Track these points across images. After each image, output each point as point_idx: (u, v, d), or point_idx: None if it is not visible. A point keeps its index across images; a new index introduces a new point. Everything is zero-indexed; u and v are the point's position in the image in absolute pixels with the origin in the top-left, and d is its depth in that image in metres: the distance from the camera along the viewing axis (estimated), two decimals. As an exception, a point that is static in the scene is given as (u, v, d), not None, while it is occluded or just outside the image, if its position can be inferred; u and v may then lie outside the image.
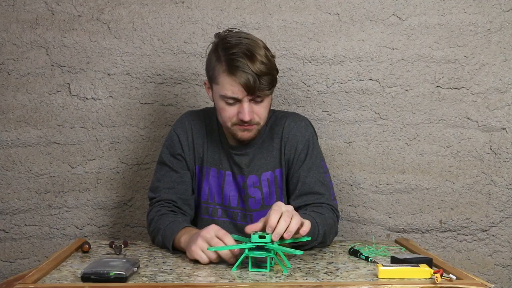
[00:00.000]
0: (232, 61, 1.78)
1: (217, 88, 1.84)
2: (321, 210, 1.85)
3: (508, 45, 2.39)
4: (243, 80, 1.77)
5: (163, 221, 1.81)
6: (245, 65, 1.77)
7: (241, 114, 1.82)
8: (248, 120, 1.83)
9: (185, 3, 2.36)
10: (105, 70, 2.36)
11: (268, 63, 1.81)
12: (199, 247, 1.61)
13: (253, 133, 1.89)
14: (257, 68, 1.78)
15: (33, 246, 2.40)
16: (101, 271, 1.42)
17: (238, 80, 1.77)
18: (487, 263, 2.43)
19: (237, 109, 1.83)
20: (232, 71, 1.78)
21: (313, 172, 1.93)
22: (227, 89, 1.80)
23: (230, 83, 1.79)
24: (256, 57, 1.79)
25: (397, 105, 2.39)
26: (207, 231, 1.62)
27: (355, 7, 2.37)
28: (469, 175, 2.41)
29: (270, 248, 1.52)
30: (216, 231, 1.61)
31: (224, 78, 1.80)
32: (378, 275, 1.47)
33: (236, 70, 1.77)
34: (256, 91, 1.79)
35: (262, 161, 1.96)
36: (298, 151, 1.94)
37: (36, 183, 2.38)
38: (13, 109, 2.37)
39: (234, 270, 1.53)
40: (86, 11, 2.35)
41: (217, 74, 1.82)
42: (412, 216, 2.41)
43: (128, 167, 2.39)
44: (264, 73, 1.79)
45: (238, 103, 1.82)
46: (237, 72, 1.77)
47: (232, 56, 1.79)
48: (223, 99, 1.83)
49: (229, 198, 1.96)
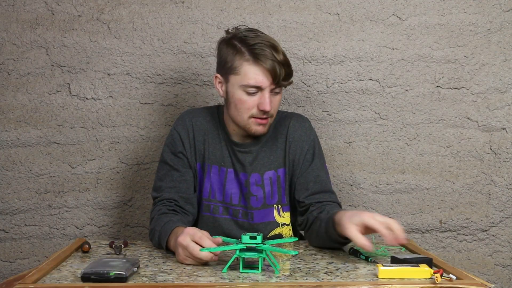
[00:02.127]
0: (256, 49, 1.83)
1: (236, 79, 1.86)
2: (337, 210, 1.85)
3: (508, 45, 2.39)
4: (269, 67, 1.81)
5: (160, 221, 1.81)
6: (270, 54, 1.82)
7: (263, 104, 1.84)
8: (268, 111, 1.85)
9: (185, 3, 2.36)
10: (105, 70, 2.37)
11: (286, 56, 1.87)
12: (182, 257, 1.61)
13: (267, 127, 1.91)
14: (281, 57, 1.83)
15: (33, 246, 2.40)
16: (101, 271, 1.42)
17: (265, 67, 1.81)
18: (487, 263, 2.43)
19: (258, 100, 1.85)
20: (258, 59, 1.82)
21: (323, 172, 1.97)
22: (251, 78, 1.83)
23: (254, 72, 1.82)
24: (278, 48, 1.86)
25: (397, 105, 2.39)
26: (183, 237, 1.60)
27: (355, 7, 2.37)
28: (469, 175, 2.41)
29: (261, 249, 1.52)
30: (191, 236, 1.59)
31: (248, 67, 1.83)
32: (378, 275, 1.46)
33: (263, 58, 1.82)
34: (280, 80, 1.83)
35: (265, 160, 1.96)
36: (304, 152, 1.95)
37: (36, 183, 2.38)
38: (13, 109, 2.37)
39: (225, 272, 1.52)
40: (86, 11, 2.35)
41: (238, 64, 1.85)
42: (412, 216, 2.41)
43: (128, 167, 2.39)
44: (286, 64, 1.85)
45: (259, 93, 1.85)
46: (263, 60, 1.81)
47: (256, 46, 1.83)
48: (244, 89, 1.85)
49: (230, 196, 1.96)
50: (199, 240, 1.58)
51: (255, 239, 1.51)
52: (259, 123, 1.88)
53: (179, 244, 1.61)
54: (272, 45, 1.85)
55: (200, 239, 1.58)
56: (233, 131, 1.96)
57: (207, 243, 1.58)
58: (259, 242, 1.51)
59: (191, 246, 1.57)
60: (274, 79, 1.83)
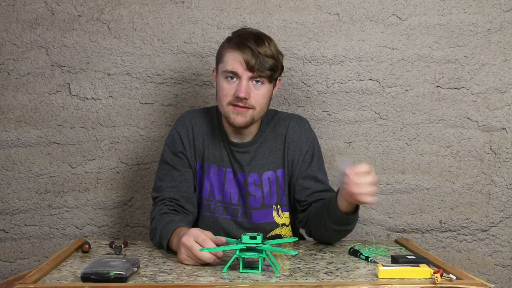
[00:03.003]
0: (239, 38, 1.88)
1: (220, 67, 1.90)
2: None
3: (508, 45, 2.39)
4: (245, 55, 1.84)
5: (162, 221, 1.81)
6: (250, 43, 1.85)
7: (237, 90, 1.85)
8: (243, 97, 1.84)
9: (185, 3, 2.36)
10: (105, 70, 2.37)
11: (274, 52, 1.89)
12: (184, 257, 1.61)
13: (247, 118, 1.89)
14: (261, 49, 1.85)
15: (33, 246, 2.40)
16: (101, 271, 1.42)
17: (242, 54, 1.84)
18: (487, 263, 2.43)
19: (235, 87, 1.86)
20: (237, 46, 1.86)
21: (321, 173, 1.98)
22: (229, 64, 1.86)
23: (232, 58, 1.86)
24: (264, 40, 1.88)
25: (397, 105, 2.39)
26: (187, 238, 1.60)
27: (355, 7, 2.37)
28: (469, 175, 2.41)
29: (261, 249, 1.52)
30: (195, 237, 1.59)
31: (229, 53, 1.88)
32: (378, 275, 1.47)
33: (241, 45, 1.85)
34: (255, 69, 1.84)
35: (264, 160, 1.96)
36: (303, 153, 1.96)
37: (36, 183, 2.38)
38: (13, 109, 2.37)
39: (225, 272, 1.52)
40: (86, 11, 2.35)
41: (224, 52, 1.90)
42: (412, 216, 2.41)
43: (128, 167, 2.39)
44: (268, 55, 1.86)
45: (237, 81, 1.86)
46: (241, 48, 1.85)
47: (241, 36, 1.89)
48: (224, 75, 1.88)
49: (229, 195, 1.96)
50: (202, 243, 1.58)
51: (255, 239, 1.51)
52: (236, 111, 1.87)
53: (182, 244, 1.61)
54: (258, 37, 1.88)
55: (203, 242, 1.58)
56: (230, 131, 1.96)
57: (210, 245, 1.58)
58: (259, 242, 1.51)
59: (195, 248, 1.58)
60: (247, 66, 1.83)
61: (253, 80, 1.86)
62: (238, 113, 1.87)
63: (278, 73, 1.92)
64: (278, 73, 1.93)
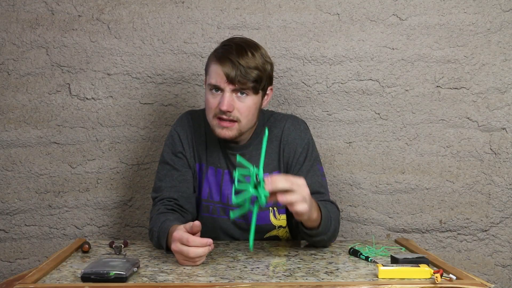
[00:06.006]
0: (222, 50, 1.86)
1: (207, 79, 1.91)
2: (328, 206, 1.84)
3: (508, 45, 2.39)
4: (226, 68, 1.81)
5: (158, 221, 1.81)
6: (231, 55, 1.82)
7: (220, 103, 1.83)
8: (226, 111, 1.83)
9: (185, 3, 2.36)
10: (105, 70, 2.37)
11: (259, 61, 1.85)
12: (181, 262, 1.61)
13: (233, 132, 1.87)
14: (243, 60, 1.82)
15: (33, 246, 2.40)
16: (101, 271, 1.42)
17: (223, 67, 1.82)
18: (487, 263, 2.43)
19: (219, 100, 1.84)
20: (218, 59, 1.84)
21: (311, 174, 1.94)
22: (212, 77, 1.86)
23: (215, 71, 1.85)
24: (247, 51, 1.84)
25: (397, 105, 2.39)
26: (174, 245, 1.60)
27: (355, 7, 2.37)
28: (469, 175, 2.41)
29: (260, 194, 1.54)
30: (180, 240, 1.59)
31: (212, 66, 1.87)
32: (378, 275, 1.47)
33: (221, 58, 1.83)
34: (236, 81, 1.81)
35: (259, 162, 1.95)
36: (297, 154, 1.95)
37: (36, 183, 2.38)
38: (13, 109, 2.37)
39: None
40: (86, 11, 2.35)
41: (209, 64, 1.90)
42: (412, 216, 2.41)
43: (128, 167, 2.39)
44: (251, 67, 1.82)
45: (222, 93, 1.85)
46: (221, 60, 1.83)
47: (224, 47, 1.86)
48: (209, 88, 1.87)
49: (227, 196, 1.96)
50: (188, 243, 1.58)
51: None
52: (221, 125, 1.86)
53: (173, 251, 1.62)
54: (241, 48, 1.84)
55: (188, 241, 1.57)
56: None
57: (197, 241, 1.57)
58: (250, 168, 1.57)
59: (184, 251, 1.58)
60: (228, 78, 1.81)
61: (237, 92, 1.84)
62: (223, 127, 1.86)
63: (264, 84, 1.88)
64: (265, 83, 1.88)
